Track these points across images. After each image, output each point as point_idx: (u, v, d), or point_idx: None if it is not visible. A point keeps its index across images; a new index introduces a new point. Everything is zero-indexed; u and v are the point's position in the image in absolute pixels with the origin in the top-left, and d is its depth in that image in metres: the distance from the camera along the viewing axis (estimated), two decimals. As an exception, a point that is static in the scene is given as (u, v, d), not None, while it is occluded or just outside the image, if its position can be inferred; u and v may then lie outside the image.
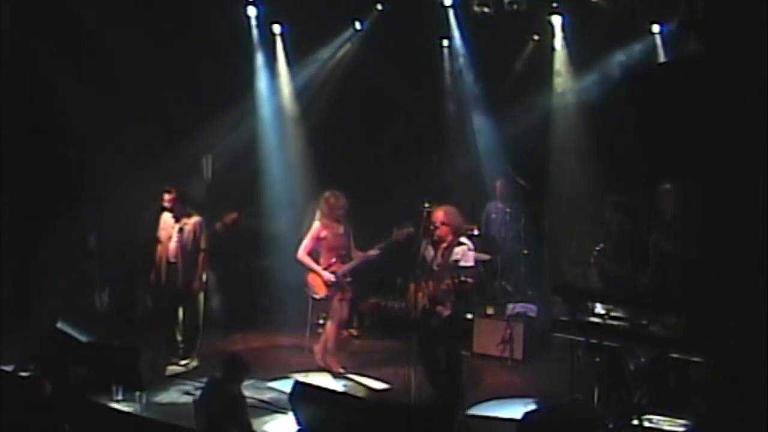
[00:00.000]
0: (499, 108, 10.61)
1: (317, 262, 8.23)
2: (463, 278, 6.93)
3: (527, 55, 10.64)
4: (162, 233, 8.45)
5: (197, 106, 9.89)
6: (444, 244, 7.09)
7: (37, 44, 8.98)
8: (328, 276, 8.17)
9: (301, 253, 8.25)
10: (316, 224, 8.28)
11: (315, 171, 10.62)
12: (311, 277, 8.27)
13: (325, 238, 8.23)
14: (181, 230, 8.39)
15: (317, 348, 8.42)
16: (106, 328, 8.81)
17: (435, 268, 7.07)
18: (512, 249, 9.82)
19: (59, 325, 7.82)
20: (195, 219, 8.49)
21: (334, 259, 8.20)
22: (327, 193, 8.31)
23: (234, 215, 9.44)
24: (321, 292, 8.25)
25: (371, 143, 10.87)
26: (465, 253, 7.00)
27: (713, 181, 6.29)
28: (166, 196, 8.36)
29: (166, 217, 8.46)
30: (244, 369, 6.42)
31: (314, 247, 8.25)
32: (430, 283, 7.00)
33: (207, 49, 9.77)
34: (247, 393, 6.97)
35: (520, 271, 9.73)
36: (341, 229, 8.24)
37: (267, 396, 7.49)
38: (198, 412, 6.31)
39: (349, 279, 8.27)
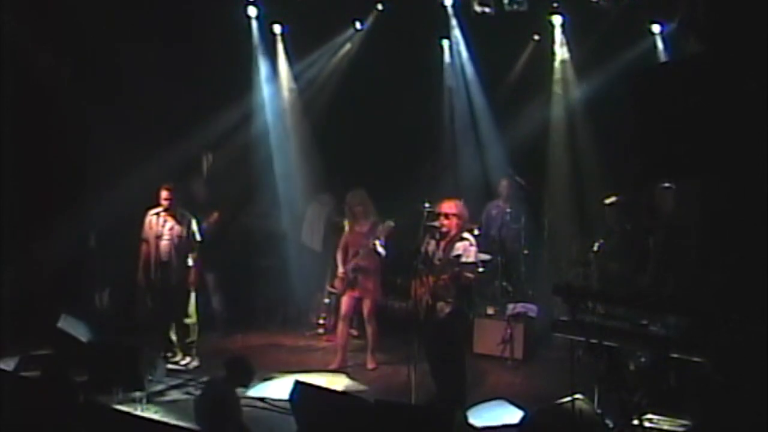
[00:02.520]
0: (499, 108, 10.62)
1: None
2: (464, 274, 6.91)
3: (527, 55, 10.64)
4: (149, 233, 8.43)
5: (197, 105, 9.90)
6: (447, 239, 7.08)
7: (37, 43, 8.98)
8: (340, 270, 8.48)
9: (337, 249, 8.64)
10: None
11: (315, 170, 10.62)
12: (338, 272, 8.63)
13: (349, 235, 8.53)
14: (173, 229, 8.39)
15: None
16: (106, 328, 8.82)
17: (436, 262, 7.06)
18: (512, 249, 9.82)
19: (59, 325, 7.84)
20: (188, 218, 8.50)
21: (351, 256, 8.44)
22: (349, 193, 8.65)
23: (216, 215, 9.44)
24: (336, 287, 8.72)
25: (372, 142, 10.87)
26: (467, 249, 6.99)
27: (713, 181, 6.27)
28: (164, 194, 8.36)
29: (155, 217, 8.43)
30: (248, 373, 6.41)
31: (343, 244, 8.57)
32: (431, 278, 6.99)
33: (207, 48, 9.77)
34: (246, 393, 7.02)
35: (520, 271, 9.73)
36: (365, 227, 8.42)
37: (266, 396, 7.48)
38: (197, 411, 6.32)
39: (353, 275, 8.38)
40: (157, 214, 8.42)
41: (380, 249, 8.23)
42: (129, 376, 7.27)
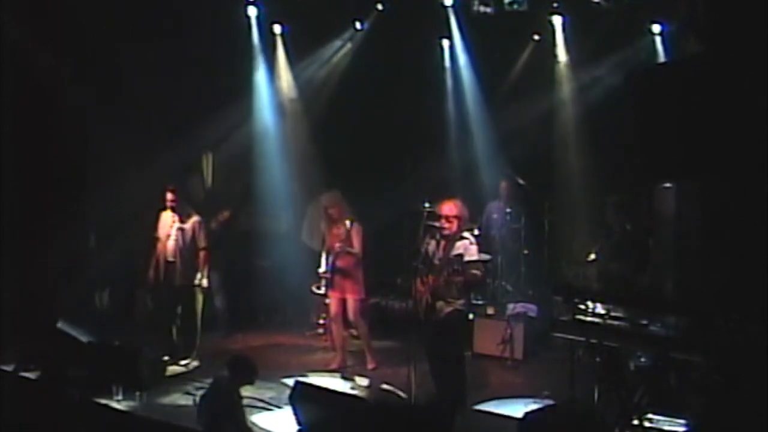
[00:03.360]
0: (499, 108, 10.62)
1: None
2: (471, 271, 6.90)
3: (527, 55, 10.63)
4: (161, 232, 8.48)
5: (198, 105, 9.89)
6: (447, 239, 7.07)
7: (37, 43, 8.98)
8: (320, 270, 8.49)
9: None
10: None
11: (315, 170, 10.62)
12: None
13: (328, 237, 8.48)
14: (180, 229, 8.41)
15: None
16: (106, 328, 8.82)
17: (436, 262, 7.06)
18: (512, 249, 9.82)
19: (59, 325, 7.84)
20: (194, 218, 8.54)
21: (329, 258, 8.44)
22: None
23: (227, 213, 9.45)
24: (320, 288, 8.68)
25: (371, 143, 10.87)
26: (467, 248, 6.98)
27: (714, 181, 6.28)
28: (169, 195, 8.39)
29: (165, 216, 8.49)
30: (251, 372, 6.37)
31: (327, 246, 8.54)
32: (431, 278, 7.00)
33: (207, 48, 9.77)
34: (247, 393, 7.01)
35: (520, 271, 9.73)
36: (340, 229, 8.36)
37: (267, 395, 7.47)
38: (200, 411, 6.31)
39: (331, 276, 8.42)
40: (166, 213, 8.47)
41: (347, 248, 8.24)
42: (129, 376, 7.27)
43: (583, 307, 6.16)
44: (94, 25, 9.06)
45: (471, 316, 8.69)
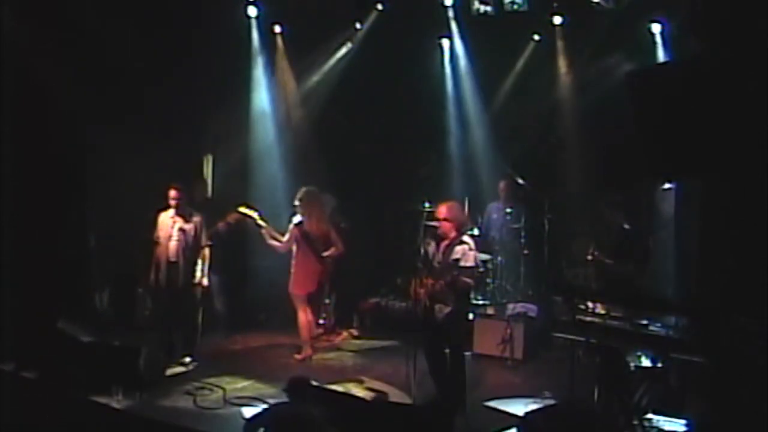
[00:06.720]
0: (499, 108, 10.61)
1: None
2: (462, 278, 6.91)
3: (527, 55, 10.63)
4: (160, 233, 8.45)
5: (198, 106, 9.89)
6: (446, 241, 7.08)
7: (37, 43, 8.97)
8: None
9: None
10: None
11: (315, 171, 10.61)
12: None
13: None
14: (182, 230, 8.40)
15: None
16: (106, 328, 8.82)
17: (435, 265, 7.07)
18: (512, 249, 9.82)
19: (59, 325, 7.84)
20: (196, 218, 8.53)
21: None
22: None
23: (236, 215, 9.44)
24: None
25: (371, 143, 10.87)
26: (465, 253, 6.99)
27: (714, 181, 6.29)
28: (172, 193, 8.38)
29: (164, 217, 8.47)
30: (307, 387, 5.76)
31: None
32: (430, 280, 7.00)
33: (207, 48, 9.76)
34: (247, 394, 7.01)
35: (520, 271, 9.73)
36: None
37: (267, 395, 7.47)
38: None
39: None
40: (167, 214, 8.45)
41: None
42: (129, 376, 7.27)
43: (583, 307, 6.17)
44: (94, 24, 9.05)
45: (471, 316, 8.71)
